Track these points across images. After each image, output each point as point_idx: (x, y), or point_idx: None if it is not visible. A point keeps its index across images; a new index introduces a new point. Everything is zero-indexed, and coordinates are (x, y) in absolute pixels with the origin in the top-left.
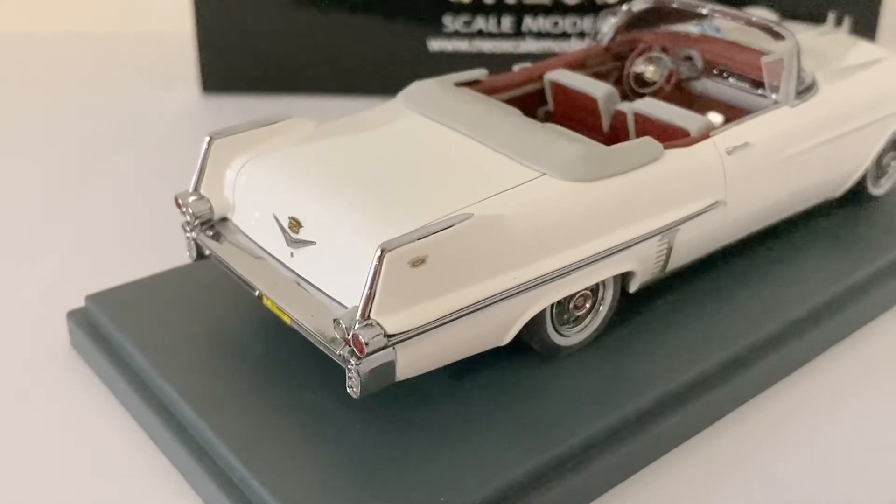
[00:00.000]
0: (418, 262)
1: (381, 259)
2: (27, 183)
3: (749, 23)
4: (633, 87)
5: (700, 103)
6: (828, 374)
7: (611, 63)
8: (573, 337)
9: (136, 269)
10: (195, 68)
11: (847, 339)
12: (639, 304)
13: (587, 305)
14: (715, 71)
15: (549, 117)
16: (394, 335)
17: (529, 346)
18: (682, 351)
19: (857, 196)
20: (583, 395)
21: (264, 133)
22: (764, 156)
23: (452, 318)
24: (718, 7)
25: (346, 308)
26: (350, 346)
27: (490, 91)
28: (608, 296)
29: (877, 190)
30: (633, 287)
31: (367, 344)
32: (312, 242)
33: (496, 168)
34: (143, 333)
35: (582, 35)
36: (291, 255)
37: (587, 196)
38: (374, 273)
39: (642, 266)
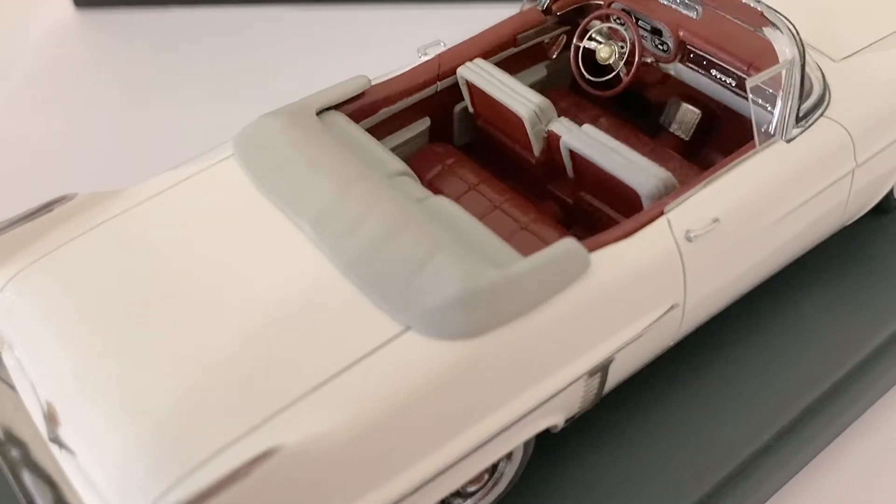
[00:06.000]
0: None
1: None
2: None
3: (737, 9)
4: (583, 71)
5: (670, 86)
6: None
7: (553, 30)
8: None
9: None
10: None
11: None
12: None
13: (485, 476)
14: (691, 55)
15: (469, 119)
16: None
17: None
18: None
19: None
20: None
21: (39, 227)
22: (742, 228)
23: None
24: None
25: None
26: None
27: (379, 106)
28: (514, 461)
29: None
30: (554, 430)
31: None
32: (73, 452)
33: (342, 315)
34: None
35: None
36: (59, 448)
37: (473, 359)
38: None
39: (564, 413)
